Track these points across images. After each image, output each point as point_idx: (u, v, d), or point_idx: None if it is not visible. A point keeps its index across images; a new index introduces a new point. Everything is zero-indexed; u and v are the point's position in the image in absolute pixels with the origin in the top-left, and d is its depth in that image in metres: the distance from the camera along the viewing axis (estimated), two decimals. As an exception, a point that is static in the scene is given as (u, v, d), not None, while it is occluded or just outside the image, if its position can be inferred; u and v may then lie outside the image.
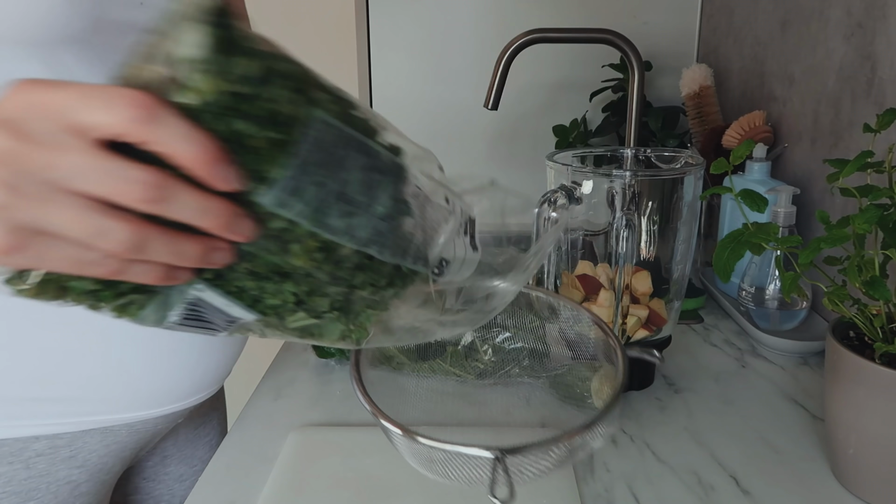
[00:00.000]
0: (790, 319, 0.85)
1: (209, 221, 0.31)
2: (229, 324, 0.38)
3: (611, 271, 0.73)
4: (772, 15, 1.04)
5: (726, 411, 0.70)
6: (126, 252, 0.31)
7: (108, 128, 0.29)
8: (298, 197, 0.32)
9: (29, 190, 0.30)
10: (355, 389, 0.48)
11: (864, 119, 0.79)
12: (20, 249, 0.31)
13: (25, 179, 0.30)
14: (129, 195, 0.30)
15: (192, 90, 0.29)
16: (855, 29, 0.81)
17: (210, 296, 0.36)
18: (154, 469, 0.78)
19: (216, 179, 0.30)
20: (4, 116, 0.30)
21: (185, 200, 0.31)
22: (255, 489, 0.59)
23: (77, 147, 0.29)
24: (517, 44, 0.97)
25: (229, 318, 0.38)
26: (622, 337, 0.70)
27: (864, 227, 0.52)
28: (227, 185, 0.31)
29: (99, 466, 0.64)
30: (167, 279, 0.34)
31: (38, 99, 0.30)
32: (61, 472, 0.61)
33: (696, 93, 1.14)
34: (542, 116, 1.40)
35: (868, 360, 0.52)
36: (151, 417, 0.65)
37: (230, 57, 0.29)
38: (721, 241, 0.58)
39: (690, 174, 0.70)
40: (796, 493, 0.58)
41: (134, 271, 0.32)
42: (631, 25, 1.34)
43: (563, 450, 0.46)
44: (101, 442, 0.63)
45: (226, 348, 0.69)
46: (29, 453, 0.59)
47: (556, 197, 0.69)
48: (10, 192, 0.30)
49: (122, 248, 0.31)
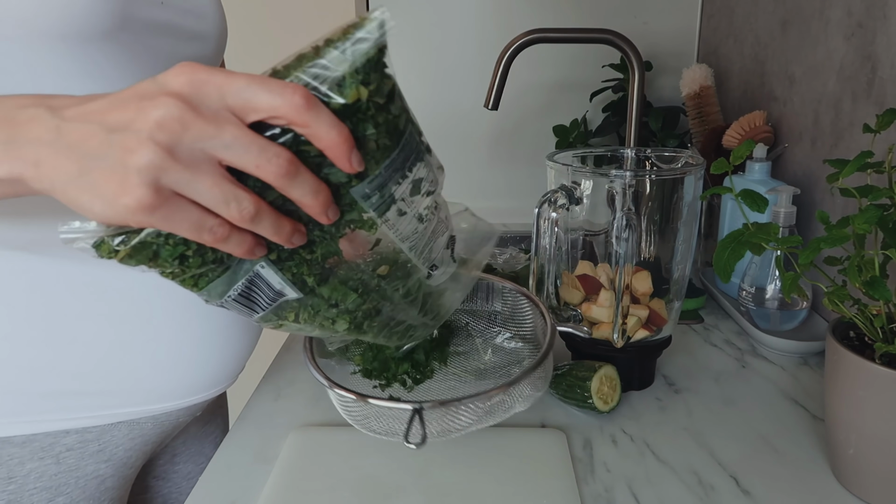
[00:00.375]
0: (790, 319, 0.85)
1: (317, 201, 0.37)
2: (271, 303, 0.44)
3: (611, 271, 0.73)
4: (772, 15, 1.04)
5: (726, 411, 0.70)
6: (244, 219, 0.36)
7: (271, 111, 0.35)
8: (378, 193, 0.40)
9: (183, 154, 0.34)
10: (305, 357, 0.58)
11: (864, 119, 0.79)
12: (156, 209, 0.35)
13: (183, 145, 0.34)
14: (270, 168, 0.35)
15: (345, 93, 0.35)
16: (855, 29, 0.81)
17: (268, 273, 0.42)
18: (164, 468, 0.79)
19: (347, 161, 0.37)
20: (175, 89, 0.35)
21: (306, 179, 0.37)
22: (255, 489, 0.59)
23: (235, 123, 0.35)
24: (517, 44, 0.97)
25: (275, 296, 0.43)
26: (622, 337, 0.70)
27: (864, 228, 0.52)
28: (353, 168, 0.37)
29: (124, 461, 0.65)
30: (251, 252, 0.39)
31: (208, 78, 0.35)
32: (90, 467, 0.62)
33: (696, 93, 1.14)
34: (543, 116, 1.40)
35: (868, 361, 0.52)
36: (175, 409, 0.66)
37: (378, 72, 0.36)
38: (721, 241, 0.58)
39: (691, 174, 0.70)
40: (796, 493, 0.58)
41: (234, 241, 0.37)
42: (631, 25, 1.34)
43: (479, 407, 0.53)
44: (128, 435, 0.64)
45: (242, 341, 0.70)
46: (59, 448, 0.60)
47: (556, 197, 0.69)
48: (167, 154, 0.34)
49: (243, 215, 0.36)
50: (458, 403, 0.52)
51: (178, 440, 0.79)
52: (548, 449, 0.63)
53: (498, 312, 0.69)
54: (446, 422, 0.53)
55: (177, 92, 0.35)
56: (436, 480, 0.59)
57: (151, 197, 0.34)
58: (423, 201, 0.44)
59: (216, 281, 0.41)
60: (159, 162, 0.34)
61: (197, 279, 0.40)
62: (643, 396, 0.74)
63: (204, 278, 0.40)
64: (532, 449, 0.63)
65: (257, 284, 0.42)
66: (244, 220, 0.36)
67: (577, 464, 0.62)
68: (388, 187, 0.40)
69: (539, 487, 0.57)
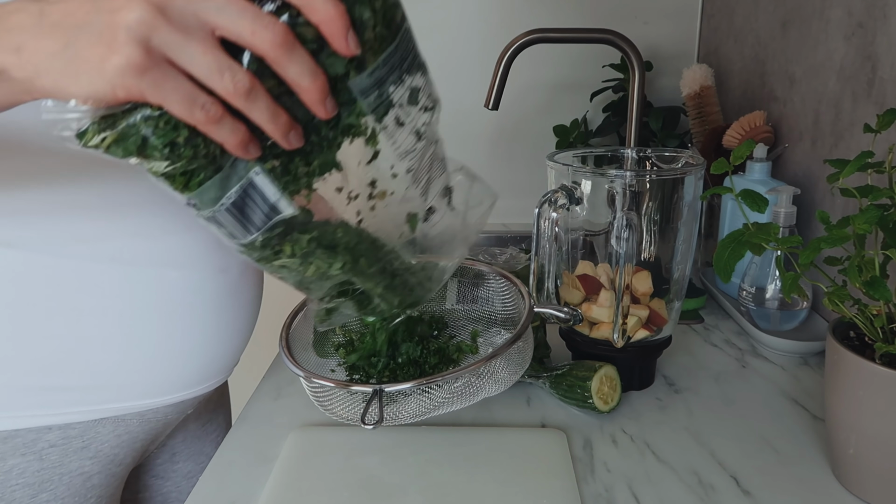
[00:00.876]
0: (790, 320, 0.85)
1: (315, 84, 0.36)
2: (266, 220, 0.41)
3: (611, 271, 0.73)
4: (772, 15, 1.04)
5: (727, 411, 0.70)
6: (238, 93, 0.34)
7: None
8: (376, 89, 0.39)
9: (174, 15, 0.33)
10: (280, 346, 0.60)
11: (864, 119, 0.79)
12: (146, 70, 0.33)
13: (174, 6, 0.33)
14: (266, 36, 0.34)
15: None
16: (856, 29, 0.81)
17: (263, 182, 0.40)
18: (163, 466, 0.78)
19: (343, 39, 0.35)
20: None
21: (303, 57, 0.35)
22: (255, 489, 0.59)
23: None
24: (518, 44, 0.97)
25: (270, 211, 0.41)
26: (622, 337, 0.70)
27: (865, 228, 0.52)
28: (349, 50, 0.36)
29: (111, 458, 0.65)
30: (244, 145, 0.37)
31: None
32: (74, 464, 0.62)
33: (696, 93, 1.14)
34: (543, 116, 1.40)
35: (868, 361, 0.52)
36: (162, 406, 0.66)
37: None
38: (721, 241, 0.58)
39: (691, 174, 0.70)
40: (796, 493, 0.58)
41: (227, 126, 0.36)
42: (631, 25, 1.34)
43: (439, 389, 0.54)
44: (113, 432, 0.64)
45: (231, 336, 0.70)
46: (42, 444, 0.60)
47: (556, 197, 0.69)
48: (158, 13, 0.33)
49: (237, 87, 0.34)
50: (424, 384, 0.53)
51: (178, 439, 0.78)
52: (548, 449, 0.63)
53: (480, 298, 0.70)
54: (416, 404, 0.54)
55: None
56: (436, 480, 0.59)
57: (141, 56, 0.33)
58: (422, 116, 0.43)
59: (208, 183, 0.39)
60: (149, 19, 0.33)
61: (188, 178, 0.38)
62: (643, 396, 0.74)
63: (195, 177, 0.38)
64: (532, 449, 0.63)
65: (252, 195, 0.40)
66: (238, 93, 0.34)
67: (577, 464, 0.62)
68: (386, 85, 0.39)
69: (539, 487, 0.57)
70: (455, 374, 0.54)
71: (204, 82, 0.34)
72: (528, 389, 0.75)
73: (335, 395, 0.57)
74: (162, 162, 0.37)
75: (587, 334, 0.74)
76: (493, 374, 0.57)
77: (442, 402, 0.56)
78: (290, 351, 0.61)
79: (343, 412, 0.57)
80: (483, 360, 0.55)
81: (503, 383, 0.58)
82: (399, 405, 0.56)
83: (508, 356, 0.57)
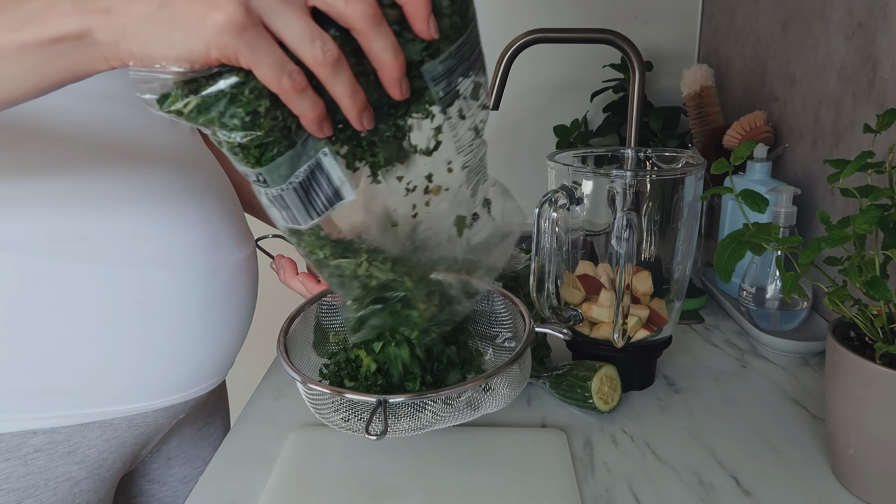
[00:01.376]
0: (791, 320, 0.85)
1: (396, 60, 0.37)
2: (327, 205, 0.42)
3: (612, 271, 0.73)
4: (773, 15, 1.04)
5: (727, 411, 0.70)
6: (326, 61, 0.35)
7: None
8: (446, 79, 0.40)
9: None
10: (279, 352, 0.59)
11: (864, 119, 0.79)
12: (245, 30, 0.34)
13: None
14: (357, 8, 0.35)
15: None
16: (856, 29, 0.81)
17: (331, 164, 0.41)
18: (159, 471, 0.77)
19: (425, 22, 0.36)
20: None
21: (388, 33, 0.36)
22: (255, 489, 0.59)
23: None
24: (518, 44, 0.97)
25: (333, 195, 0.42)
26: (623, 337, 0.70)
27: (865, 228, 0.52)
28: (429, 33, 0.37)
29: (99, 463, 0.63)
30: (320, 121, 0.38)
31: None
32: (60, 469, 0.60)
33: (696, 93, 1.14)
34: (543, 116, 1.40)
35: (868, 361, 0.52)
36: (151, 410, 0.65)
37: None
38: (722, 241, 0.58)
39: (691, 174, 0.70)
40: (797, 493, 0.58)
41: (308, 98, 0.36)
42: (632, 26, 1.34)
43: (440, 403, 0.53)
44: (101, 437, 0.62)
45: (224, 338, 0.68)
46: (27, 449, 0.58)
47: (557, 197, 0.69)
48: None
49: (326, 56, 0.35)
50: (426, 397, 0.52)
51: (173, 443, 0.77)
52: (548, 449, 0.63)
53: (481, 313, 0.69)
54: (415, 417, 0.54)
55: None
56: (436, 480, 0.59)
57: (242, 14, 0.34)
58: (480, 113, 0.44)
59: (281, 158, 0.39)
60: None
61: (263, 151, 0.39)
62: (643, 396, 0.74)
63: (269, 151, 0.39)
64: (532, 449, 0.63)
65: (318, 176, 0.41)
66: (327, 62, 0.35)
67: (577, 464, 0.62)
68: (455, 74, 0.40)
69: (539, 487, 0.57)
70: (458, 388, 0.53)
71: (295, 49, 0.35)
72: (528, 389, 0.75)
73: (333, 402, 0.56)
74: (240, 132, 0.37)
75: (587, 334, 0.74)
76: (494, 392, 0.56)
77: (442, 417, 0.55)
78: (288, 354, 0.60)
79: (340, 421, 0.56)
80: (482, 378, 0.53)
81: (503, 400, 0.57)
82: (398, 418, 0.55)
83: (508, 375, 0.56)
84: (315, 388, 0.54)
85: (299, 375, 0.55)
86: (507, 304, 0.67)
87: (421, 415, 0.53)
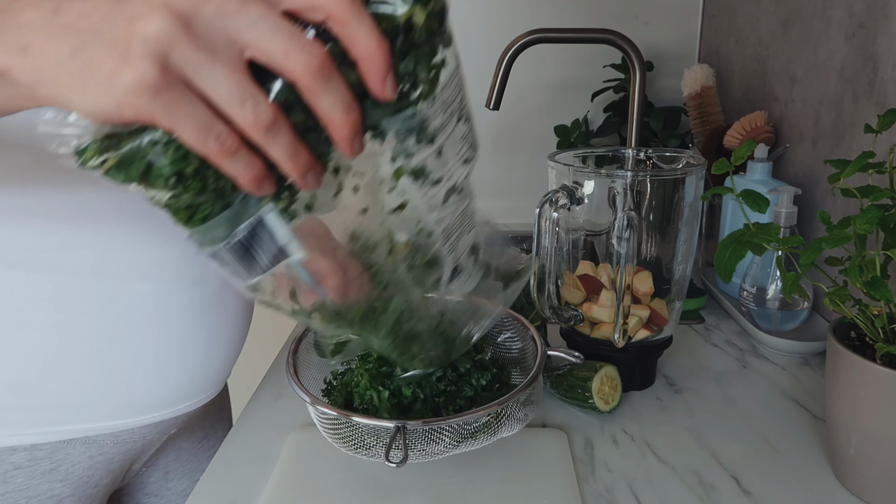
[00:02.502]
0: (791, 320, 0.85)
1: (347, 118, 0.32)
2: (272, 263, 0.38)
3: (612, 271, 0.73)
4: (773, 15, 1.04)
5: (727, 411, 0.70)
6: (259, 126, 0.31)
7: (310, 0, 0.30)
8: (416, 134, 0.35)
9: (201, 29, 0.29)
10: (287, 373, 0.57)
11: (865, 119, 0.79)
12: (159, 91, 0.29)
13: (202, 18, 0.29)
14: (301, 59, 0.30)
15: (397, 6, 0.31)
16: (857, 29, 0.81)
17: (274, 221, 0.37)
18: (156, 485, 0.75)
19: (381, 81, 0.32)
20: None
21: (339, 88, 0.31)
22: (256, 489, 0.59)
23: (266, 6, 0.30)
24: (519, 44, 0.97)
25: (278, 253, 0.38)
26: (623, 337, 0.70)
27: (865, 228, 0.52)
28: (385, 93, 0.32)
29: (84, 479, 0.61)
30: (258, 182, 0.33)
31: None
32: (42, 486, 0.58)
33: (697, 93, 1.14)
34: (544, 116, 1.40)
35: (869, 361, 0.52)
36: (138, 426, 0.63)
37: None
38: (722, 241, 0.58)
39: (692, 174, 0.70)
40: (797, 493, 0.58)
41: (242, 159, 0.32)
42: (632, 26, 1.34)
43: (458, 429, 0.51)
44: (85, 453, 0.60)
45: (215, 351, 0.66)
46: (6, 466, 0.57)
47: (557, 197, 0.69)
48: (182, 25, 0.29)
49: (259, 120, 0.31)
50: (443, 423, 0.50)
51: (171, 456, 0.75)
52: (549, 449, 0.63)
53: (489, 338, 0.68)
54: (429, 444, 0.52)
55: None
56: (436, 480, 0.59)
57: (156, 74, 0.29)
58: (459, 169, 0.39)
59: (215, 219, 0.35)
60: (171, 32, 0.29)
61: (193, 211, 0.34)
62: (644, 396, 0.74)
63: (201, 211, 0.35)
64: (533, 449, 0.63)
65: (260, 235, 0.37)
66: (259, 126, 0.31)
67: (577, 463, 0.62)
68: (427, 130, 0.36)
69: (540, 487, 0.57)
70: (477, 413, 0.51)
71: (222, 109, 0.31)
72: (528, 389, 0.75)
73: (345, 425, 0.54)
74: (166, 192, 0.33)
75: (588, 334, 0.74)
76: (510, 416, 0.55)
77: (458, 443, 0.53)
78: (297, 376, 0.57)
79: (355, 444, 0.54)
80: (502, 402, 0.52)
81: (519, 423, 0.57)
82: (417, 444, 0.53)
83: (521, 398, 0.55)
84: (327, 412, 0.52)
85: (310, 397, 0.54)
86: (517, 326, 0.67)
87: (438, 439, 0.52)
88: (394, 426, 0.49)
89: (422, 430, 0.51)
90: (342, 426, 0.54)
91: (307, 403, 0.54)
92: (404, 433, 0.49)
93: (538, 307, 0.72)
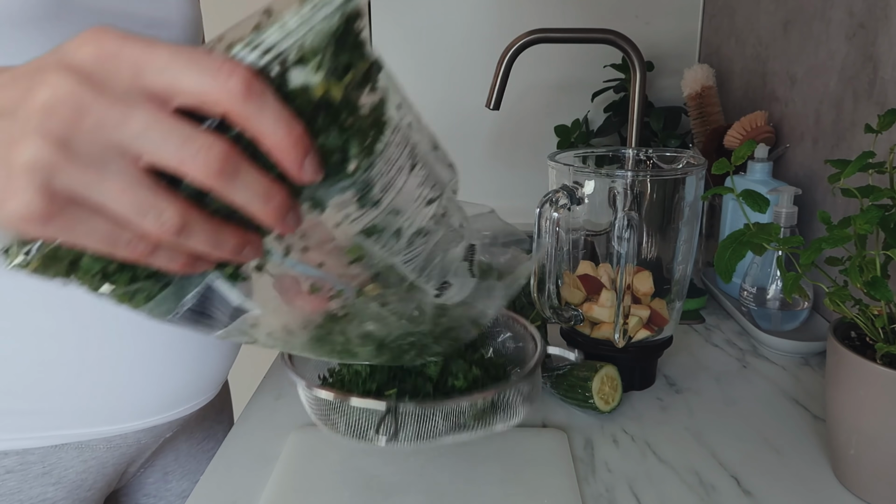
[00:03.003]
0: (791, 320, 0.85)
1: (268, 206, 0.29)
2: (231, 320, 0.37)
3: (612, 271, 0.73)
4: (774, 15, 1.04)
5: (728, 411, 0.70)
6: (167, 234, 0.28)
7: (200, 95, 0.27)
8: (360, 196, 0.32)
9: (81, 148, 0.27)
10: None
11: (865, 119, 0.79)
12: (50, 218, 0.27)
13: (81, 136, 0.26)
14: (197, 164, 0.27)
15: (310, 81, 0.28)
16: (857, 29, 0.81)
17: (223, 287, 0.35)
18: (155, 486, 0.75)
19: (297, 167, 0.28)
20: (77, 62, 0.27)
21: (252, 179, 0.28)
22: (256, 489, 0.59)
23: (154, 107, 0.27)
24: (519, 44, 0.97)
25: (235, 312, 0.36)
26: (623, 337, 0.70)
27: (866, 228, 0.52)
28: (304, 178, 0.29)
29: (77, 483, 0.61)
30: (189, 268, 0.31)
31: (119, 49, 0.27)
32: (34, 490, 0.58)
33: (697, 93, 1.14)
34: (544, 116, 1.40)
35: (869, 361, 0.52)
36: (131, 431, 0.62)
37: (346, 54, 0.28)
38: (722, 241, 0.58)
39: (692, 174, 0.70)
40: (797, 493, 0.58)
41: (161, 257, 0.30)
42: (633, 26, 1.34)
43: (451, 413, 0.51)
44: (78, 458, 0.60)
45: (208, 356, 0.66)
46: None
47: (557, 197, 0.69)
48: (60, 149, 0.26)
49: (164, 229, 0.28)
50: (434, 407, 0.51)
51: (169, 458, 0.75)
52: (549, 449, 0.63)
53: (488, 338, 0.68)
54: (421, 425, 0.52)
55: (77, 66, 0.27)
56: (436, 480, 0.59)
57: (42, 204, 0.27)
58: (422, 210, 0.36)
59: (158, 298, 0.33)
60: (48, 157, 0.26)
61: (132, 295, 0.33)
62: (644, 396, 0.74)
63: (140, 294, 0.33)
64: (533, 449, 0.63)
65: (211, 299, 0.35)
66: (167, 234, 0.28)
67: (578, 464, 0.62)
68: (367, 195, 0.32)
69: (540, 487, 0.57)
70: (475, 397, 0.51)
71: (125, 226, 0.28)
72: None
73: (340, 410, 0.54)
74: (97, 285, 0.32)
75: (588, 334, 0.74)
76: (506, 406, 0.55)
77: (451, 430, 0.53)
78: (290, 359, 0.58)
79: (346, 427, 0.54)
80: (499, 389, 0.52)
81: (515, 417, 0.57)
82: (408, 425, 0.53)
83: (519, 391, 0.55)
84: (323, 394, 0.52)
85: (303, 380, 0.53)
86: (517, 327, 0.66)
87: (431, 422, 0.52)
88: (385, 406, 0.49)
89: (414, 410, 0.51)
90: (334, 411, 0.53)
91: (301, 388, 0.54)
92: (395, 413, 0.49)
93: (538, 307, 0.72)
